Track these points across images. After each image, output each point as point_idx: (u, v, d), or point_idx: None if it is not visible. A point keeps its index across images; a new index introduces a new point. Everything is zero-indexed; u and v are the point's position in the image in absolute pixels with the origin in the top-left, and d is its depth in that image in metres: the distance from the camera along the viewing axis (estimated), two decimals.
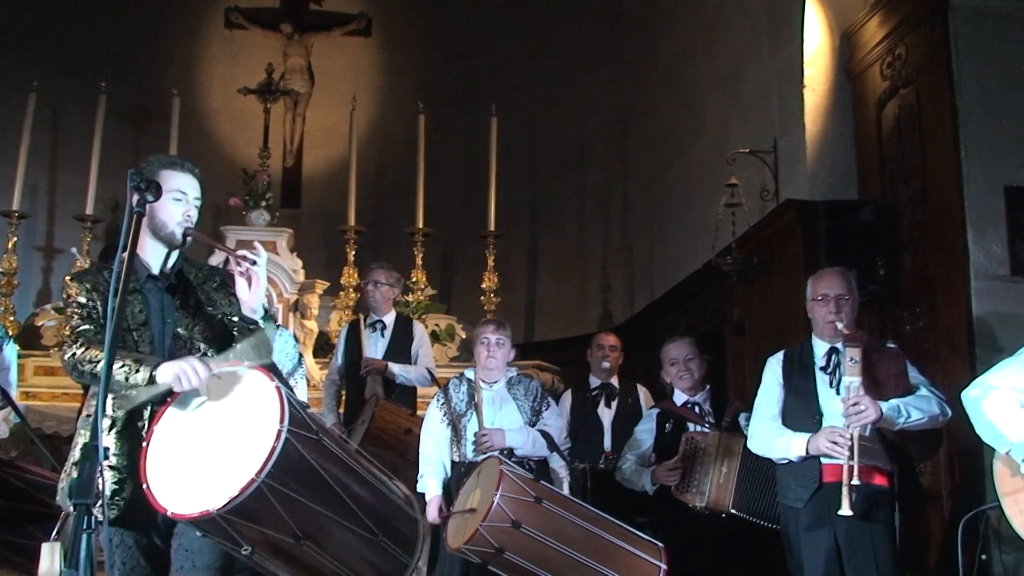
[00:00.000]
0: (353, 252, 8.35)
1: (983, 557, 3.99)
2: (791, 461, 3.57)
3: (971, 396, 3.29)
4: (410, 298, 8.09)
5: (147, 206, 2.69)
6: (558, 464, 4.39)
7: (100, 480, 2.21)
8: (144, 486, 2.48)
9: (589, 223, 9.60)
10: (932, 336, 4.75)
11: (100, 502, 2.59)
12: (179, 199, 2.83)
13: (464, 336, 8.05)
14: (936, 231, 4.80)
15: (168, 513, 2.42)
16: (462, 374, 4.50)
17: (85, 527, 2.11)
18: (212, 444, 2.52)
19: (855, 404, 3.31)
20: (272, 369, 2.73)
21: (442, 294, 9.04)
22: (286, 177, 9.87)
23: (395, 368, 5.54)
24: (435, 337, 7.92)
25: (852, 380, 3.35)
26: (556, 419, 4.44)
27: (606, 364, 5.66)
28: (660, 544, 3.72)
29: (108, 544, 2.67)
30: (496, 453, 3.96)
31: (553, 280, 9.73)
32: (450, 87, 10.04)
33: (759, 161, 6.07)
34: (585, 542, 3.55)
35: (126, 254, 2.43)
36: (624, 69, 9.16)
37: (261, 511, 2.39)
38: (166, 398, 2.62)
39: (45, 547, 2.49)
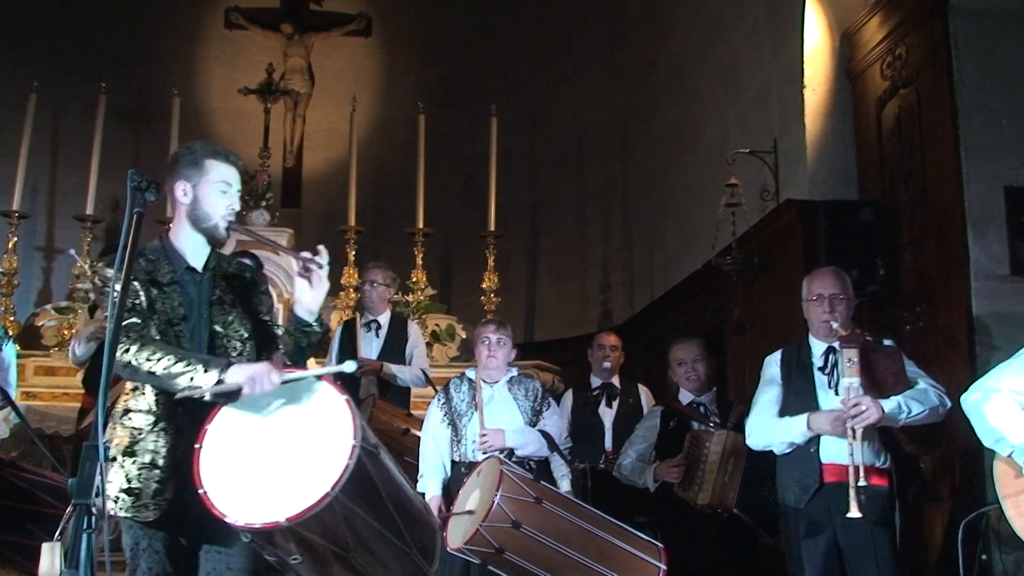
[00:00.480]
0: (353, 252, 8.34)
1: (983, 557, 3.98)
2: (792, 453, 3.54)
3: (971, 400, 3.27)
4: (410, 298, 8.09)
5: (193, 193, 2.69)
6: (558, 464, 4.39)
7: (100, 480, 2.17)
8: (200, 491, 2.41)
9: (589, 223, 9.60)
10: (932, 336, 4.74)
11: (138, 503, 2.55)
12: (224, 191, 2.76)
13: (464, 336, 8.04)
14: (936, 231, 4.80)
15: (232, 523, 2.36)
16: (463, 374, 4.50)
17: (85, 527, 2.10)
18: (275, 452, 2.47)
19: (856, 405, 3.30)
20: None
21: (442, 294, 9.03)
22: (286, 177, 9.87)
23: (390, 368, 5.54)
24: (435, 337, 7.92)
25: (851, 381, 3.34)
26: (556, 419, 4.44)
27: (607, 364, 5.66)
28: (660, 544, 3.72)
29: (133, 547, 2.60)
30: (496, 453, 3.96)
31: (553, 280, 9.73)
32: (450, 87, 10.03)
33: (759, 161, 6.07)
34: (585, 542, 3.54)
35: (127, 254, 2.41)
36: (624, 69, 9.16)
37: (324, 523, 2.36)
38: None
39: (45, 547, 2.47)
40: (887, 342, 3.68)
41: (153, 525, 2.58)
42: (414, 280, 8.19)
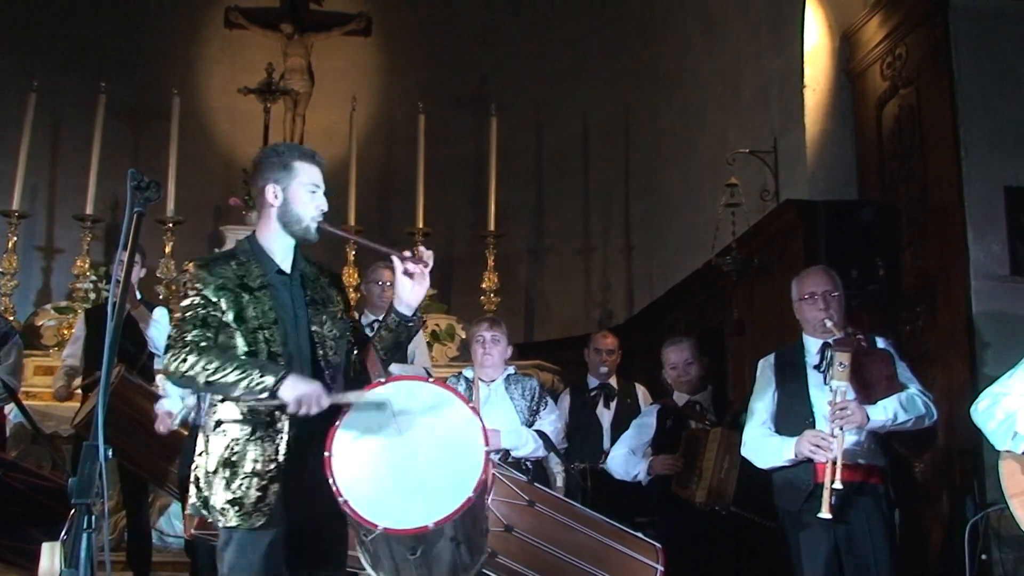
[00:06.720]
0: (353, 252, 8.34)
1: (983, 557, 3.98)
2: (783, 466, 3.56)
3: (981, 408, 3.23)
4: None
5: (283, 196, 2.73)
6: (554, 463, 4.38)
7: (101, 480, 2.16)
8: (341, 500, 2.48)
9: (589, 223, 9.59)
10: (932, 336, 4.74)
11: (241, 511, 2.58)
12: (313, 192, 2.81)
13: (464, 336, 8.04)
14: (936, 231, 4.80)
15: (379, 529, 2.46)
16: (460, 373, 4.50)
17: (85, 527, 2.10)
18: (405, 458, 2.57)
19: (842, 408, 3.32)
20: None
21: (442, 294, 9.02)
22: None
23: (394, 368, 5.54)
24: (435, 337, 7.92)
25: (840, 384, 3.36)
26: (554, 418, 4.43)
27: (603, 368, 5.64)
28: (657, 545, 3.72)
29: (237, 557, 2.59)
30: (492, 455, 3.96)
31: (553, 280, 9.72)
32: (450, 87, 10.02)
33: (759, 161, 6.07)
34: (579, 545, 3.54)
35: (128, 254, 2.40)
36: (624, 69, 9.15)
37: (455, 524, 2.54)
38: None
39: (45, 547, 2.46)
40: (880, 341, 3.68)
41: (262, 528, 2.60)
42: None
